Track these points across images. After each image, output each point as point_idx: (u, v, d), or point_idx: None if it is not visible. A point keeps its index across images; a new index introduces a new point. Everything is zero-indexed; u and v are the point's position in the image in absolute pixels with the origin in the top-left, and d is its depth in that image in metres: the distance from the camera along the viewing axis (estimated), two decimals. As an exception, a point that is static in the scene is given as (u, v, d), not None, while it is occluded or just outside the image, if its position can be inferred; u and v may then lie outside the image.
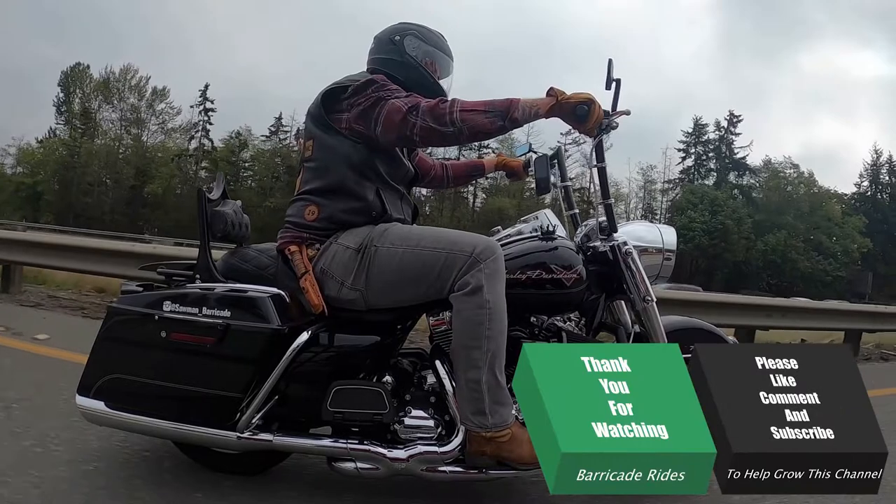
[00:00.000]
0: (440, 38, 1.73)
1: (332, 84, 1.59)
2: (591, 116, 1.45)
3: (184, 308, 1.46)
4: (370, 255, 1.49)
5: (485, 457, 1.45)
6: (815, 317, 5.71)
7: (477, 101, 1.46)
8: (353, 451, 1.49)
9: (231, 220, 1.64)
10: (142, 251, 4.58)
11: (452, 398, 1.50)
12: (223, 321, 1.43)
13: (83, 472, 1.61)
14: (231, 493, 1.57)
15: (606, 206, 1.65)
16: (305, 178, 1.60)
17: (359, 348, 1.54)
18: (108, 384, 1.51)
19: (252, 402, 1.46)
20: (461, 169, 2.07)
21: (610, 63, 1.54)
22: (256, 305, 1.45)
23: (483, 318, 1.42)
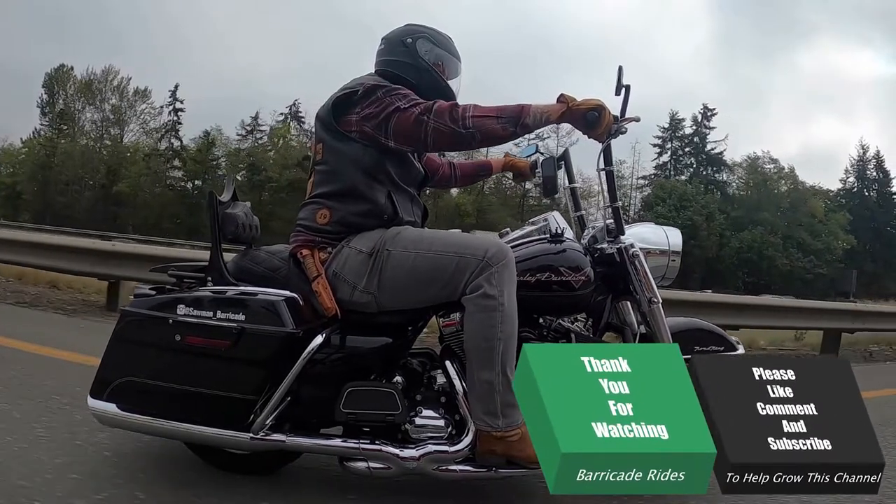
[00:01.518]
0: (449, 40, 1.76)
1: (342, 89, 1.61)
2: (601, 122, 1.48)
3: (198, 311, 1.49)
4: (383, 259, 1.52)
5: (495, 456, 1.49)
6: (791, 315, 5.67)
7: (489, 107, 1.49)
8: (364, 451, 1.53)
9: (241, 221, 1.66)
10: (101, 248, 4.85)
11: (462, 398, 1.54)
12: (238, 325, 1.46)
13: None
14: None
15: (614, 209, 1.68)
16: (316, 181, 1.63)
17: (371, 350, 1.58)
18: (121, 387, 1.53)
19: (266, 404, 1.49)
20: (469, 169, 2.10)
21: (620, 70, 1.58)
22: (271, 309, 1.48)
23: (495, 320, 1.45)
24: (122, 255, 4.68)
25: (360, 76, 1.67)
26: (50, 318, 4.30)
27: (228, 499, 1.56)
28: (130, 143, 36.96)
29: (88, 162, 35.53)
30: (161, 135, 36.88)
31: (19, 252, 4.85)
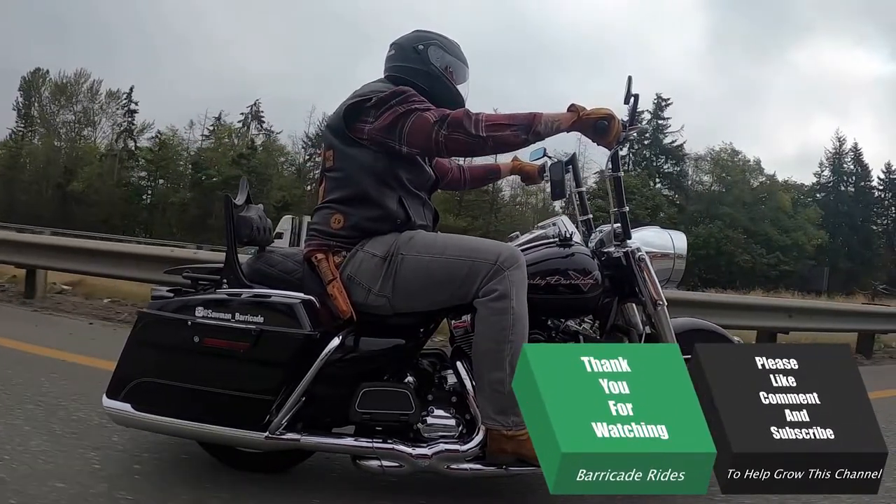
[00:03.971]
0: (457, 46, 1.82)
1: (354, 96, 1.66)
2: (610, 131, 1.54)
3: (217, 313, 1.54)
4: (397, 263, 1.58)
5: (505, 454, 1.55)
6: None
7: (501, 115, 1.55)
8: (378, 450, 1.59)
9: (256, 224, 1.71)
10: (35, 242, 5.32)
11: (473, 398, 1.59)
12: (257, 326, 1.51)
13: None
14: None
15: (621, 213, 1.74)
16: (328, 187, 1.68)
17: (385, 351, 1.64)
18: (137, 387, 1.58)
19: (283, 404, 1.55)
20: (478, 172, 2.17)
21: (629, 80, 1.63)
22: (290, 311, 1.53)
23: (507, 322, 1.52)
24: (37, 246, 5.12)
25: (371, 83, 1.72)
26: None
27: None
28: (86, 144, 39.09)
29: (53, 162, 37.49)
30: (116, 136, 39.24)
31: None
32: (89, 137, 38.91)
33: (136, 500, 1.53)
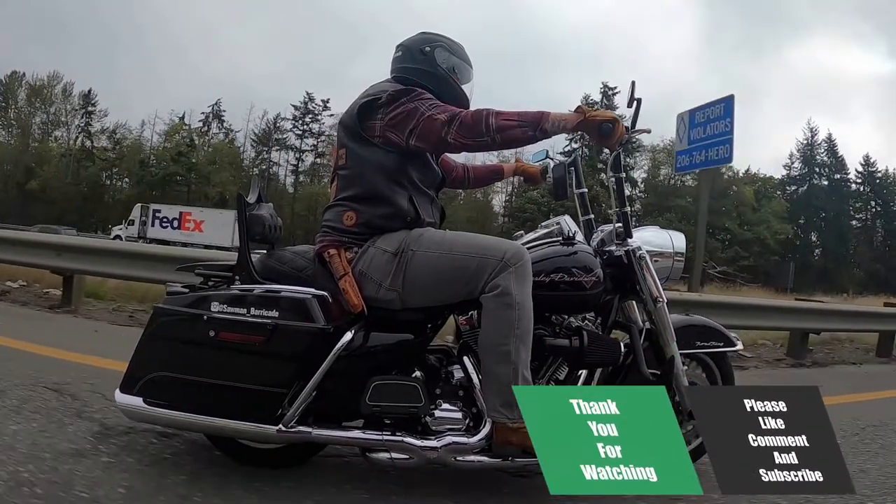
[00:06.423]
0: (462, 48, 1.91)
1: (365, 96, 1.73)
2: (614, 133, 1.63)
3: (232, 308, 1.60)
4: (407, 259, 1.65)
5: (511, 446, 1.62)
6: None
7: (510, 112, 1.63)
8: (387, 443, 1.66)
9: (268, 222, 1.76)
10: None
11: (479, 391, 1.66)
12: (272, 321, 1.57)
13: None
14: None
15: (623, 213, 1.82)
16: (340, 185, 1.75)
17: (395, 345, 1.72)
18: (151, 381, 1.62)
19: (295, 398, 1.60)
20: (482, 172, 2.24)
21: (633, 84, 1.72)
22: (303, 306, 1.60)
23: (513, 318, 1.59)
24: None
25: (380, 83, 1.80)
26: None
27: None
28: (50, 144, 41.58)
29: (19, 163, 39.90)
30: (76, 136, 41.97)
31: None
32: (61, 138, 41.47)
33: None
